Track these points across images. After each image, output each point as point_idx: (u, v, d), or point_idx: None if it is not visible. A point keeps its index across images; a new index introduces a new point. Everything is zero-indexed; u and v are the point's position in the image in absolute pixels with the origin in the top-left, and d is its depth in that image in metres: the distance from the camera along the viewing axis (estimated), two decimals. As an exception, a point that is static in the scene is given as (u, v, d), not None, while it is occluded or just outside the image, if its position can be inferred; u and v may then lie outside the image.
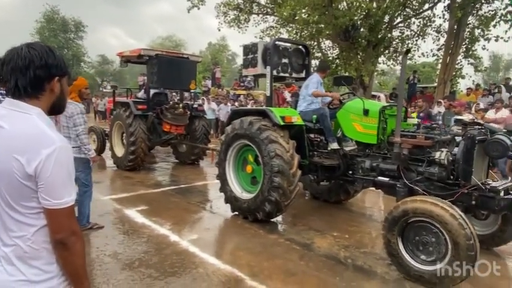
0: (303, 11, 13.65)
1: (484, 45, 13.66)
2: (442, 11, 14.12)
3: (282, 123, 4.74)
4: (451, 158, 3.84)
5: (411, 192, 3.97)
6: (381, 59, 16.02)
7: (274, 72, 5.36)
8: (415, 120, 5.05)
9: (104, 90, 38.40)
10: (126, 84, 32.80)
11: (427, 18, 14.91)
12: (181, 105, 8.93)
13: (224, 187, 5.44)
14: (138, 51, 8.40)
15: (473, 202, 3.61)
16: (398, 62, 16.16)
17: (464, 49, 13.92)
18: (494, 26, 12.88)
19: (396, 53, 15.81)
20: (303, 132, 5.03)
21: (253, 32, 18.05)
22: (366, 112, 4.58)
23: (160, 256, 3.95)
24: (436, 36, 15.06)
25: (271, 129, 4.74)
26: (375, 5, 12.49)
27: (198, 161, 9.61)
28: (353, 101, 5.00)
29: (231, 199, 5.33)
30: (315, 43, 15.47)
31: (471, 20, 13.43)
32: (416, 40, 15.48)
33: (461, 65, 14.47)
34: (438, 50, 14.97)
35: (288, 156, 4.63)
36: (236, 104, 15.41)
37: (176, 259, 3.89)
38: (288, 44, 5.90)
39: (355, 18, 13.63)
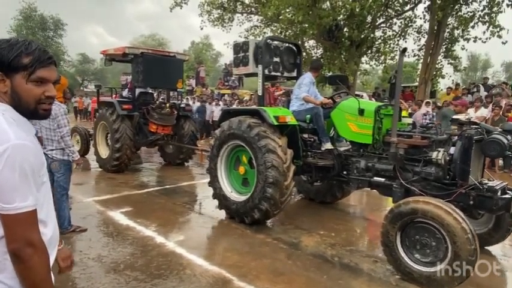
0: (287, 10, 13.70)
1: (463, 46, 14.04)
2: (423, 12, 14.43)
3: (275, 123, 4.66)
4: (448, 158, 3.82)
5: (407, 193, 3.95)
6: (364, 58, 16.24)
7: (266, 71, 5.27)
8: (410, 120, 5.02)
9: (85, 89, 37.59)
10: (108, 84, 32.21)
11: (408, 19, 15.20)
12: (168, 104, 8.77)
13: (214, 183, 5.35)
14: (123, 49, 8.22)
15: (471, 202, 3.59)
16: (380, 61, 16.41)
17: (444, 49, 14.24)
18: (473, 27, 13.24)
19: (378, 53, 16.04)
20: (296, 132, 4.93)
21: (238, 31, 18.02)
22: (361, 112, 4.51)
23: (146, 258, 3.89)
24: (417, 37, 15.38)
25: (270, 137, 4.59)
26: (358, 5, 12.63)
27: (187, 161, 9.46)
28: (348, 100, 4.92)
29: (219, 196, 5.27)
30: (299, 43, 15.56)
31: (451, 20, 13.75)
32: (398, 40, 15.76)
33: (441, 65, 14.81)
34: (419, 50, 15.28)
35: (284, 167, 4.52)
36: (221, 103, 15.34)
37: (162, 261, 3.83)
38: (279, 43, 5.83)
39: (339, 18, 13.76)
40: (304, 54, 15.91)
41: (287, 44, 5.82)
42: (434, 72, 14.40)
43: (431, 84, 14.67)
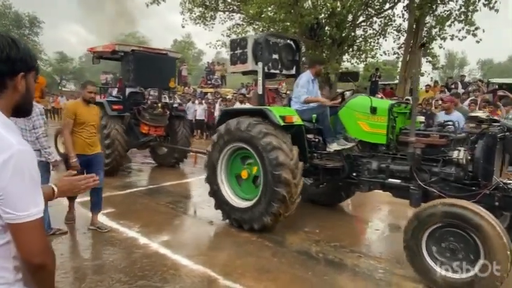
0: (269, 9, 13.70)
1: (440, 44, 14.38)
2: (402, 11, 14.67)
3: (282, 124, 4.36)
4: (469, 157, 3.65)
5: (425, 194, 3.78)
6: (346, 57, 16.41)
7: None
8: (422, 118, 4.79)
9: (64, 89, 36.62)
10: (87, 83, 31.40)
11: (387, 18, 15.43)
12: (160, 104, 8.41)
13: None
14: (113, 47, 7.89)
15: (496, 203, 3.38)
16: (361, 60, 16.63)
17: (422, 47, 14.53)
18: (450, 25, 13.57)
19: (360, 51, 16.26)
20: (302, 133, 4.62)
21: (220, 30, 17.93)
22: (373, 110, 4.25)
23: (130, 260, 3.83)
24: (397, 35, 15.62)
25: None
26: (339, 4, 12.75)
27: (179, 163, 9.11)
28: (357, 98, 4.66)
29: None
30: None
31: (428, 19, 14.05)
32: (378, 39, 15.98)
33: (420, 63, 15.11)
34: (399, 48, 15.54)
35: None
36: (203, 102, 15.24)
37: (146, 262, 3.78)
38: (278, 39, 5.52)
39: (320, 17, 13.86)
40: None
41: (285, 41, 5.54)
42: (414, 70, 14.67)
43: (411, 82, 14.97)
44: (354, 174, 4.56)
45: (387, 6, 14.85)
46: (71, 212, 4.93)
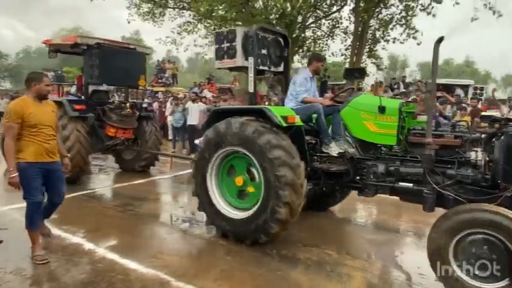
0: (220, 7, 13.63)
1: (383, 46, 15.22)
2: (348, 14, 15.32)
3: (284, 125, 3.99)
4: (487, 159, 3.51)
5: (440, 198, 3.59)
6: (296, 57, 16.78)
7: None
8: (425, 118, 4.73)
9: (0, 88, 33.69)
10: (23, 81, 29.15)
11: (335, 20, 16.03)
12: (128, 104, 7.75)
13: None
14: (74, 39, 7.08)
15: None
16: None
17: (367, 49, 15.29)
18: (392, 29, 14.42)
19: (309, 52, 16.72)
20: (301, 134, 4.21)
21: (170, 27, 17.47)
22: (382, 109, 3.97)
23: (74, 267, 3.59)
24: (344, 37, 16.28)
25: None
26: (288, 5, 13.00)
27: (149, 167, 8.43)
28: (361, 96, 4.42)
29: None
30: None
31: (373, 22, 14.80)
32: (327, 40, 16.55)
33: (365, 64, 15.88)
34: (346, 49, 16.20)
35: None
36: (155, 101, 14.78)
37: (92, 268, 3.57)
38: (266, 33, 5.07)
39: (271, 17, 14.04)
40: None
41: (274, 35, 5.17)
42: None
43: (357, 82, 15.67)
44: (357, 178, 4.25)
45: (334, 8, 15.42)
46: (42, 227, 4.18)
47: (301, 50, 16.38)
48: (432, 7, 12.99)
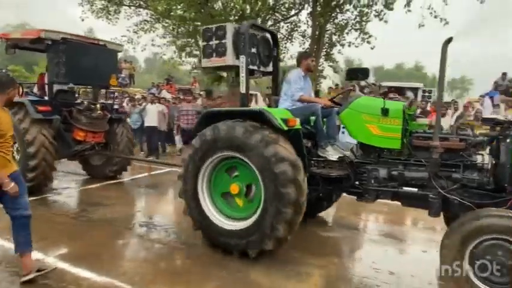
0: (179, 7, 13.39)
1: (339, 50, 15.73)
2: (306, 18, 15.66)
3: (285, 128, 3.77)
4: (494, 162, 3.47)
5: (444, 203, 3.52)
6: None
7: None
8: (426, 120, 4.50)
9: None
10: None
11: (294, 24, 16.32)
12: (98, 106, 7.16)
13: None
14: (37, 33, 6.40)
15: None
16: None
17: (325, 53, 15.73)
18: (347, 33, 14.95)
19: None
20: (299, 137, 3.95)
21: (126, 25, 16.81)
22: (385, 112, 3.82)
23: (21, 278, 3.33)
24: (302, 41, 16.62)
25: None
26: (248, 6, 13.04)
27: (121, 173, 7.81)
28: (362, 99, 4.27)
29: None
30: (193, 40, 15.41)
31: (329, 27, 15.24)
32: (286, 43, 16.80)
33: (323, 67, 16.32)
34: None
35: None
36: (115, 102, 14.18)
37: (41, 279, 3.33)
38: (255, 31, 4.76)
39: (231, 18, 14.02)
40: (198, 52, 15.86)
41: (263, 33, 4.87)
42: (317, 74, 15.78)
43: (315, 85, 16.05)
44: (357, 182, 4.09)
45: (293, 12, 15.69)
46: None
47: (260, 52, 16.49)
48: (384, 13, 13.63)
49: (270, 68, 5.05)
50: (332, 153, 4.21)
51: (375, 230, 5.32)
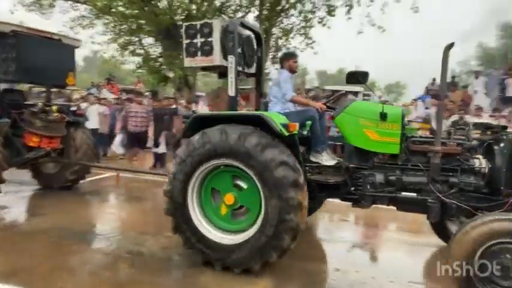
0: (120, 3, 12.83)
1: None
2: (253, 21, 15.83)
3: (286, 134, 3.59)
4: (490, 165, 3.53)
5: (443, 207, 3.53)
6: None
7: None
8: (417, 125, 4.51)
9: None
10: None
11: (241, 26, 16.42)
12: (54, 107, 6.45)
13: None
14: None
15: None
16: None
17: (271, 56, 16.03)
18: (292, 37, 15.39)
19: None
20: (295, 143, 3.76)
21: (62, 20, 15.59)
22: (383, 116, 3.76)
23: None
24: (249, 43, 16.77)
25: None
26: (194, 6, 12.88)
27: (78, 182, 6.97)
28: (359, 103, 4.20)
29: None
30: (137, 39, 14.86)
31: (276, 31, 15.56)
32: (232, 45, 16.83)
33: (269, 71, 16.60)
34: (252, 55, 16.68)
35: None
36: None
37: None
38: (242, 29, 4.46)
39: (176, 18, 13.74)
40: (142, 51, 15.30)
41: (247, 32, 4.58)
42: (265, 77, 16.00)
43: (263, 87, 16.27)
44: (352, 188, 4.02)
45: (240, 14, 15.78)
46: None
47: (208, 53, 16.36)
48: (327, 19, 14.22)
49: (253, 70, 4.78)
50: (327, 159, 4.13)
51: (328, 229, 5.48)
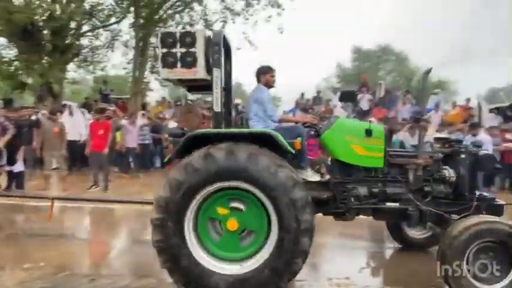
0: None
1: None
2: (128, 28, 15.10)
3: (293, 152, 3.55)
4: (456, 175, 3.98)
5: (421, 215, 3.87)
6: (72, 66, 15.18)
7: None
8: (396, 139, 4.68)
9: None
10: None
11: (115, 32, 15.47)
12: None
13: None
14: None
15: (484, 212, 3.78)
16: (90, 71, 15.89)
17: (150, 65, 15.52)
18: (173, 48, 15.24)
19: (86, 61, 15.45)
20: (289, 161, 3.67)
21: None
22: (369, 133, 3.97)
23: None
24: (125, 51, 15.92)
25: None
26: (58, 7, 11.63)
27: None
28: (343, 120, 4.46)
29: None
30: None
31: (154, 40, 15.15)
32: (107, 51, 15.75)
33: (149, 80, 16.05)
34: (128, 63, 15.86)
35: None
36: None
37: None
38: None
39: (36, 18, 12.19)
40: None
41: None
42: (143, 86, 15.38)
43: (142, 97, 15.59)
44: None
45: (113, 20, 14.91)
46: None
47: (76, 59, 14.96)
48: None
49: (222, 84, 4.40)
50: (311, 175, 4.13)
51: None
